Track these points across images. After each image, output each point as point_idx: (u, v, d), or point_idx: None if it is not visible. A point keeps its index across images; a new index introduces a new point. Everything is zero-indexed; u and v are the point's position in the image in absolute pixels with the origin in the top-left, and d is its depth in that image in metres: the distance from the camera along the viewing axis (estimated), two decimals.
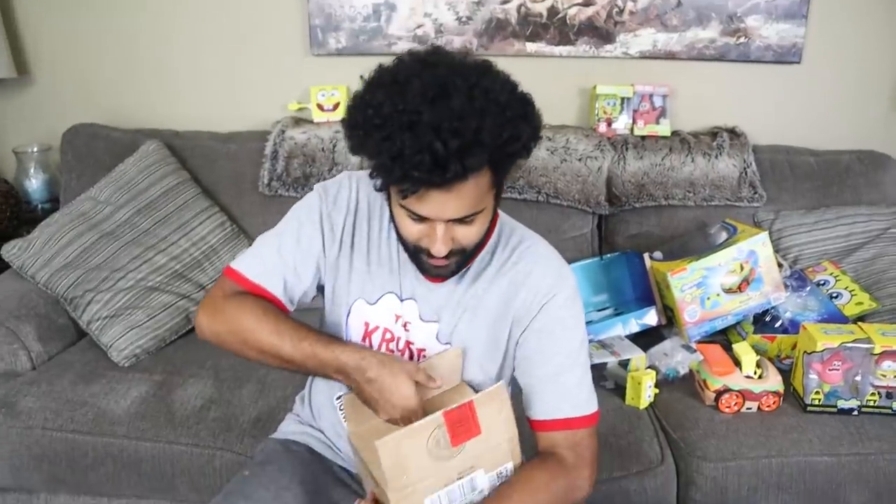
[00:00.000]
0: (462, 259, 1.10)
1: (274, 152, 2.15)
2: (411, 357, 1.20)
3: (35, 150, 2.37)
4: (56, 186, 2.35)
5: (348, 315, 1.19)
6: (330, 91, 2.29)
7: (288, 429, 1.34)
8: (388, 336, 1.19)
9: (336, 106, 2.29)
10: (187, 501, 1.64)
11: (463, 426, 1.04)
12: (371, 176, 1.06)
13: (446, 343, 1.18)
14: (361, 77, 1.02)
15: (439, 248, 1.04)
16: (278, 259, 1.17)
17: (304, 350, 1.11)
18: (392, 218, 1.11)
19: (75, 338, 1.93)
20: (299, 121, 2.27)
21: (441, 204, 0.99)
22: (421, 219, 1.03)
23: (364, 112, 0.97)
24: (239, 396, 1.68)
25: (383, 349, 1.19)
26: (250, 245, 2.09)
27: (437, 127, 0.92)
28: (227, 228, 2.07)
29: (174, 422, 1.61)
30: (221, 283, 1.19)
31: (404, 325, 1.18)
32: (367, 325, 1.19)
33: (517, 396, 1.18)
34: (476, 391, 1.15)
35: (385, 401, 1.08)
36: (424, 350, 1.19)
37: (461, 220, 1.03)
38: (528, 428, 1.16)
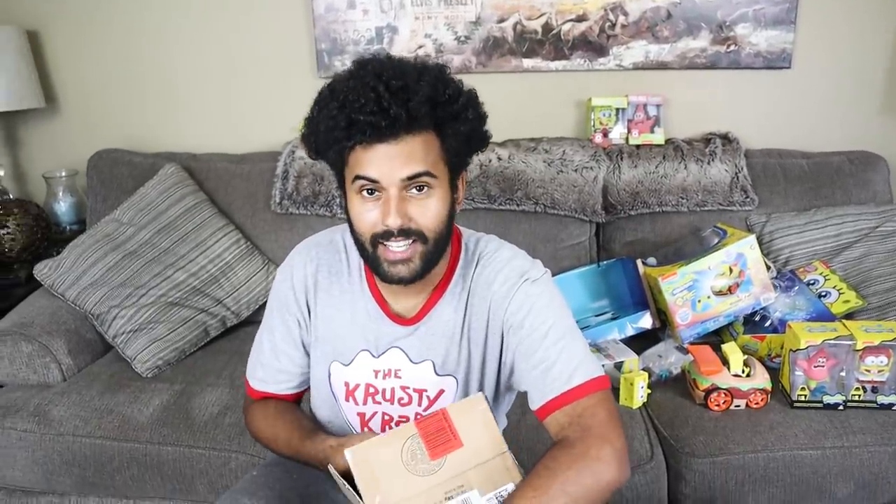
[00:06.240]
0: (425, 253, 1.05)
1: (284, 172, 2.22)
2: (418, 400, 1.20)
3: (63, 174, 2.47)
4: (83, 208, 2.47)
5: (329, 376, 1.24)
6: None
7: None
8: (371, 391, 1.21)
9: None
10: (206, 502, 1.72)
11: (440, 437, 0.99)
12: (326, 157, 1.08)
13: (445, 375, 1.18)
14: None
15: (394, 220, 1.00)
16: (274, 359, 1.26)
17: (293, 448, 1.18)
18: (349, 219, 1.08)
19: (102, 351, 2.02)
20: None
21: (389, 159, 0.99)
22: (372, 192, 1.02)
23: (317, 104, 1.04)
24: None
25: (369, 403, 1.21)
26: (263, 260, 2.20)
27: (379, 73, 0.98)
28: (241, 246, 2.15)
29: (193, 427, 1.70)
30: (246, 395, 1.32)
31: (394, 374, 1.19)
32: (346, 384, 1.22)
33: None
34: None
35: None
36: (426, 390, 1.18)
37: (413, 185, 1.01)
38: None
